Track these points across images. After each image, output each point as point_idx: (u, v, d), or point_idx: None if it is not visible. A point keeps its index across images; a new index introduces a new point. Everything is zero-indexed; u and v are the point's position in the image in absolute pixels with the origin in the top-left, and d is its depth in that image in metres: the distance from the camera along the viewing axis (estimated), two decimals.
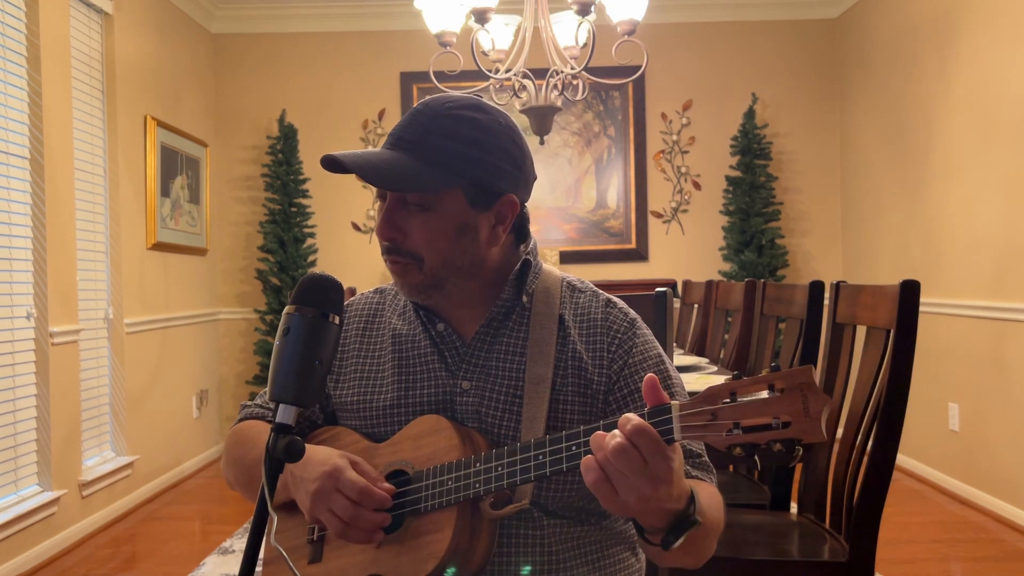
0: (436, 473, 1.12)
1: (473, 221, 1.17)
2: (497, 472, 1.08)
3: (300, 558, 1.21)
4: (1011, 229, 3.83)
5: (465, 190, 1.15)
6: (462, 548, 1.09)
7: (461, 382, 1.21)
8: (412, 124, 1.16)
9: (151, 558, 3.69)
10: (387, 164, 1.14)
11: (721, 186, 5.77)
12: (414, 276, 1.18)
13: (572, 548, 1.18)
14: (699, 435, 0.93)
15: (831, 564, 1.89)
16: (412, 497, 1.13)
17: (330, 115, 5.78)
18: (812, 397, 0.89)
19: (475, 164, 1.15)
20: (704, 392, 0.94)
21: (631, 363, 1.21)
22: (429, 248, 1.16)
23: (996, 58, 3.94)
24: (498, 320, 1.22)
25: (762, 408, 0.91)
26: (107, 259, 4.36)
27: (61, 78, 3.79)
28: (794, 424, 0.89)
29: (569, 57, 3.47)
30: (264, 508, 0.94)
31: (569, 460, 1.03)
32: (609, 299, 1.27)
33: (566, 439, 1.04)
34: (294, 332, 0.98)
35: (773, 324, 2.80)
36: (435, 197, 1.15)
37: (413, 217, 1.16)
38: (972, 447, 4.20)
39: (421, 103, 1.19)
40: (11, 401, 3.45)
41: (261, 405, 1.36)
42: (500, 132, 1.17)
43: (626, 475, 0.93)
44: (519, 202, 1.21)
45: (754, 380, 0.92)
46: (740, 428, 0.91)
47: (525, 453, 1.06)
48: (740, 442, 0.91)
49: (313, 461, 1.14)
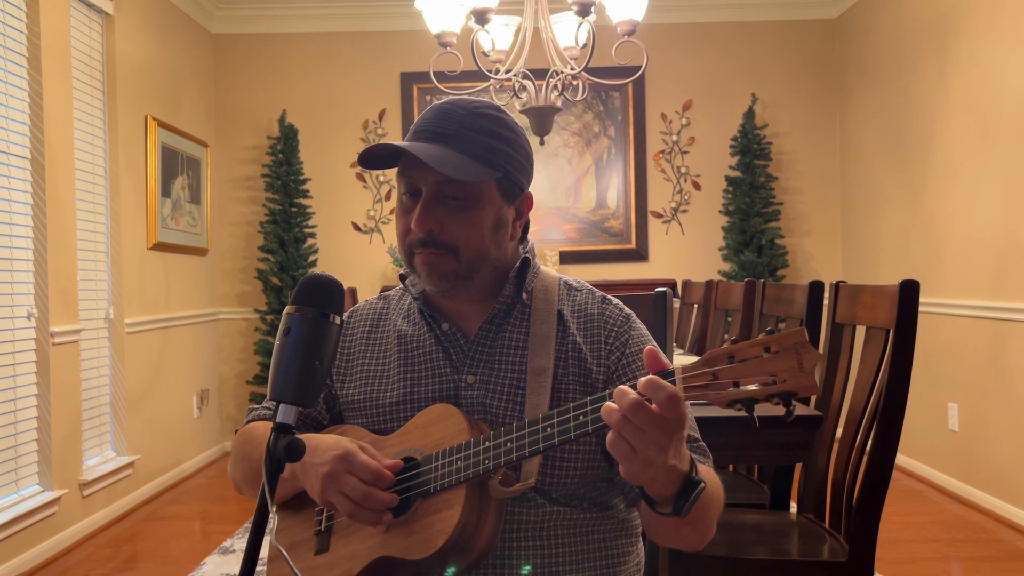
0: (445, 455, 1.14)
1: (505, 216, 1.24)
2: (506, 447, 1.09)
3: (307, 551, 1.22)
4: (1011, 229, 3.83)
5: (499, 183, 1.22)
6: (470, 525, 1.10)
7: (466, 377, 1.24)
8: (446, 119, 1.20)
9: (151, 558, 3.69)
10: (440, 152, 1.17)
11: (721, 186, 5.77)
12: (449, 264, 1.20)
13: (573, 535, 1.20)
14: (700, 394, 0.98)
15: (831, 564, 1.89)
16: (421, 479, 1.15)
17: (330, 115, 5.79)
18: (806, 354, 0.94)
19: (508, 159, 1.22)
20: (704, 356, 0.99)
21: (628, 353, 1.25)
22: (467, 241, 1.20)
23: (996, 58, 3.95)
24: (500, 316, 1.26)
25: (759, 367, 0.95)
26: (108, 259, 4.36)
27: (62, 78, 3.79)
28: (789, 379, 0.94)
29: (569, 57, 3.47)
30: (265, 507, 0.95)
31: (577, 428, 1.04)
32: (605, 296, 1.32)
33: (573, 409, 1.06)
34: (295, 332, 0.99)
35: (773, 324, 2.81)
36: (475, 191, 1.19)
37: (452, 212, 1.20)
38: (971, 447, 4.21)
39: (446, 102, 1.23)
40: (12, 401, 3.45)
41: (268, 407, 1.38)
42: (520, 132, 1.25)
43: (643, 429, 0.96)
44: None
45: (751, 343, 0.97)
46: (738, 386, 0.96)
47: (533, 427, 1.08)
48: (739, 398, 0.96)
49: (322, 446, 1.15)
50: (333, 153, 5.77)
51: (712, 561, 1.93)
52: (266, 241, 5.59)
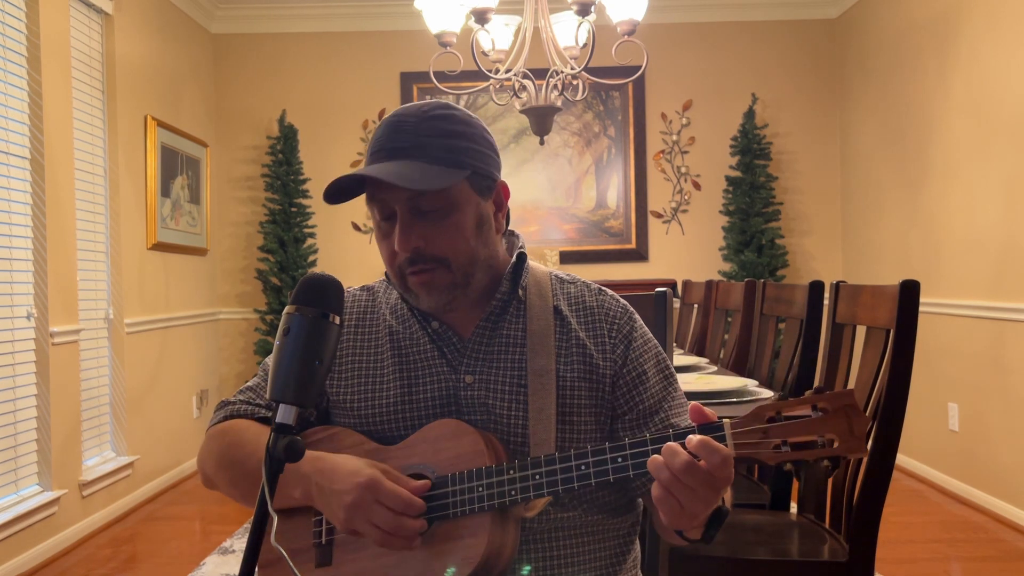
0: (465, 479, 1.12)
1: (486, 212, 1.21)
2: (535, 481, 1.09)
3: (305, 561, 1.18)
4: (1011, 229, 3.83)
5: (470, 181, 1.18)
6: (494, 551, 1.10)
7: (464, 376, 1.21)
8: (399, 132, 1.16)
9: (151, 558, 3.69)
10: (404, 169, 1.13)
11: (721, 186, 5.77)
12: (444, 277, 1.17)
13: (575, 537, 1.20)
14: (751, 452, 0.99)
15: (831, 564, 1.89)
16: (440, 502, 1.12)
17: (330, 115, 5.78)
18: (856, 418, 0.97)
19: (472, 154, 1.18)
20: (752, 411, 1.00)
21: (634, 347, 1.25)
22: (454, 248, 1.16)
23: (996, 58, 3.94)
24: (496, 314, 1.23)
25: (808, 427, 0.98)
26: (107, 259, 4.36)
27: (61, 78, 3.79)
28: (840, 443, 0.97)
29: (569, 57, 3.47)
30: (264, 509, 0.94)
31: (616, 472, 1.06)
32: (600, 287, 1.31)
33: (610, 451, 1.06)
34: (294, 332, 0.98)
35: (773, 324, 2.81)
36: (450, 197, 1.16)
37: (432, 224, 1.16)
38: (971, 447, 4.20)
39: (394, 114, 1.19)
40: (11, 401, 3.45)
41: (246, 402, 1.32)
42: (476, 123, 1.21)
43: (694, 489, 0.97)
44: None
45: (799, 400, 0.99)
46: (788, 445, 0.98)
47: (566, 463, 1.08)
48: (790, 459, 0.98)
49: (341, 471, 1.13)
50: (333, 153, 5.77)
51: (712, 561, 1.93)
52: (266, 241, 5.58)
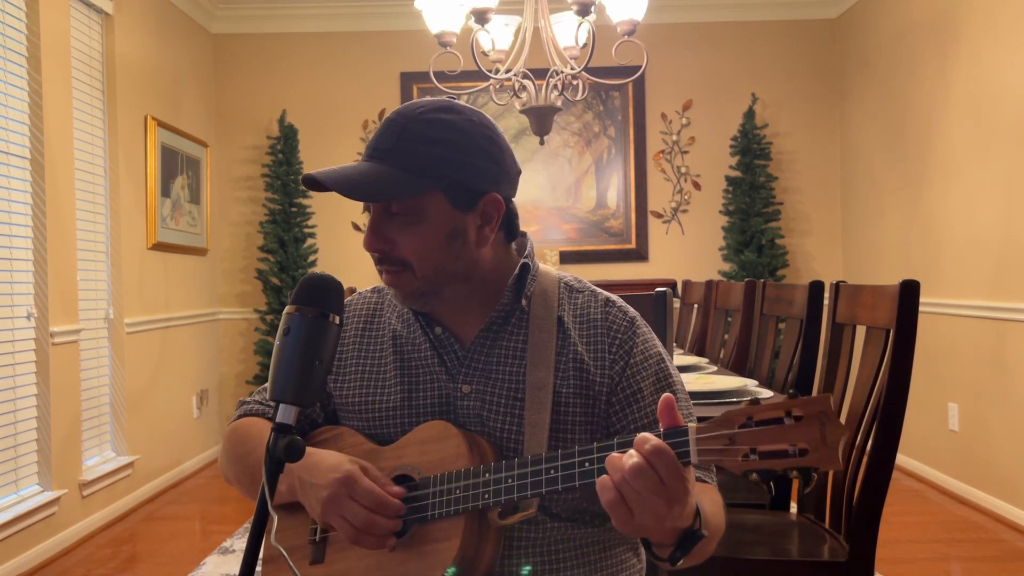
0: (444, 481, 1.11)
1: (461, 225, 1.15)
2: (507, 484, 1.07)
3: (301, 558, 1.20)
4: (1011, 229, 3.83)
5: (446, 192, 1.13)
6: (469, 555, 1.09)
7: (461, 386, 1.20)
8: (385, 133, 1.15)
9: (151, 558, 3.69)
10: (362, 176, 1.12)
11: (721, 186, 5.77)
12: (408, 281, 1.16)
13: (573, 549, 1.18)
14: (716, 459, 0.93)
15: (831, 564, 1.89)
16: (419, 504, 1.12)
17: (330, 115, 5.78)
18: (830, 426, 0.89)
19: (452, 165, 1.13)
20: (721, 416, 0.94)
21: (632, 363, 1.20)
22: (419, 256, 1.14)
23: (996, 59, 3.94)
24: (497, 324, 1.21)
25: (779, 434, 0.91)
26: (107, 259, 4.36)
27: (61, 78, 3.79)
28: (812, 452, 0.90)
29: (569, 57, 3.47)
30: (264, 507, 0.94)
31: (582, 477, 1.03)
32: (608, 298, 1.26)
33: (579, 455, 1.03)
34: (294, 332, 0.98)
35: (773, 324, 2.81)
36: (419, 205, 1.13)
37: (400, 228, 1.14)
38: (972, 447, 4.20)
39: (394, 112, 1.17)
40: (11, 401, 3.45)
41: (260, 402, 1.35)
42: (473, 130, 1.15)
43: (643, 495, 0.93)
44: (503, 199, 1.18)
45: (771, 406, 0.92)
46: (757, 454, 0.91)
47: (536, 466, 1.06)
48: (757, 468, 0.91)
49: (322, 466, 1.13)
50: (333, 153, 5.76)
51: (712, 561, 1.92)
52: (266, 241, 5.58)
